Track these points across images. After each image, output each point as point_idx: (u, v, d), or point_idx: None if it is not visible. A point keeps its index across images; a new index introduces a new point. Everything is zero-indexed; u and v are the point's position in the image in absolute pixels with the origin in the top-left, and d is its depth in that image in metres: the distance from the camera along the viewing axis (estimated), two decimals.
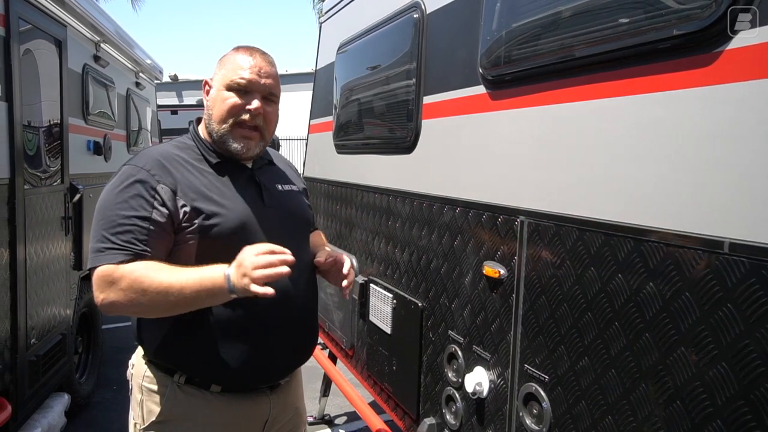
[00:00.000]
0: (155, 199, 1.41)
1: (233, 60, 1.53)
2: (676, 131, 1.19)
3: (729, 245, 1.06)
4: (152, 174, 1.44)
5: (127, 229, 1.38)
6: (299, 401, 1.76)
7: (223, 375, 1.49)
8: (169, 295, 1.32)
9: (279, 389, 1.62)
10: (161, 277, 1.33)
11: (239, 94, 1.50)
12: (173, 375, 1.50)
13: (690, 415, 1.13)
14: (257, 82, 1.50)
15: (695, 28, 1.14)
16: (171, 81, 16.78)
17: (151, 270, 1.35)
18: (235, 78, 1.49)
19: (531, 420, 1.60)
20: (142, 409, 1.52)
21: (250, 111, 1.49)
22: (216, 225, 1.44)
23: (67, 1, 3.57)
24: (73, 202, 3.65)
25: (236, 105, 1.50)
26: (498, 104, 1.81)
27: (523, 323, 1.65)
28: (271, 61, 1.56)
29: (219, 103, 1.51)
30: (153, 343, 1.51)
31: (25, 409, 2.98)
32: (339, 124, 3.33)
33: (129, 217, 1.39)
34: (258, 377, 1.54)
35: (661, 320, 1.20)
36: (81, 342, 4.11)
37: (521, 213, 1.66)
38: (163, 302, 1.34)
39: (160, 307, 1.36)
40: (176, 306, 1.35)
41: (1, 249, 2.67)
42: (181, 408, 1.50)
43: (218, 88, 1.52)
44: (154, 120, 7.20)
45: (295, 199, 1.70)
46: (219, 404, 1.51)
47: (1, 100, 2.68)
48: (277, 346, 1.53)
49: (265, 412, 1.58)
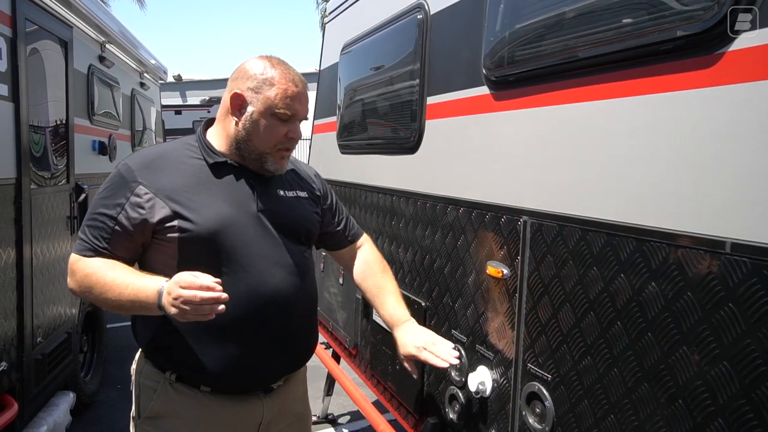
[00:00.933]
0: (128, 201, 1.45)
1: (275, 83, 1.50)
2: (679, 132, 1.20)
3: (731, 245, 1.07)
4: (136, 174, 1.47)
5: (96, 225, 1.47)
6: (302, 406, 1.74)
7: (211, 376, 1.49)
8: (109, 298, 1.40)
9: (274, 393, 1.60)
10: (108, 278, 1.41)
11: (282, 121, 1.52)
12: (165, 372, 1.52)
13: (692, 414, 1.14)
14: (301, 111, 1.54)
15: (698, 29, 1.14)
16: (175, 81, 16.83)
17: (102, 269, 1.43)
18: (284, 108, 1.50)
19: (534, 419, 1.61)
20: (138, 404, 1.56)
21: (293, 139, 1.55)
22: (194, 228, 1.45)
23: (73, 2, 3.59)
24: (79, 201, 3.67)
25: (281, 133, 1.53)
26: (501, 105, 1.81)
27: (526, 323, 1.65)
28: (304, 80, 1.57)
29: (262, 128, 1.51)
30: (145, 340, 1.55)
31: (32, 407, 3.00)
32: (343, 124, 3.34)
33: (101, 214, 1.47)
34: (247, 380, 1.54)
35: (663, 320, 1.21)
36: (86, 341, 4.13)
37: (524, 213, 1.67)
38: (106, 302, 1.42)
39: (107, 305, 1.44)
40: (119, 308, 1.42)
41: (7, 248, 2.69)
42: (172, 405, 1.51)
43: (261, 111, 1.50)
44: (158, 120, 7.23)
45: (296, 206, 1.66)
46: (209, 404, 1.51)
47: (7, 101, 2.69)
48: (267, 351, 1.52)
49: (257, 415, 1.57)
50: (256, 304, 1.48)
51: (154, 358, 1.55)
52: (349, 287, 3.11)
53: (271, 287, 1.50)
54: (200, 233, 1.44)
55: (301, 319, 1.61)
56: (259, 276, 1.49)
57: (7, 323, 2.69)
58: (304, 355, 1.68)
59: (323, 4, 19.00)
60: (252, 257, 1.49)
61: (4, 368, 2.62)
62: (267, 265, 1.51)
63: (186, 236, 1.44)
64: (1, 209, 2.63)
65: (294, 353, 1.63)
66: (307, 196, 1.71)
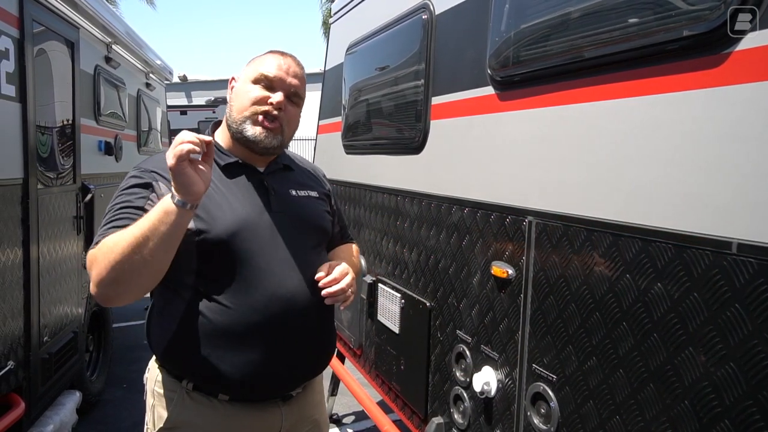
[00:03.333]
0: (152, 193, 1.41)
1: (263, 59, 1.53)
2: (685, 132, 1.20)
3: (737, 246, 1.06)
4: (153, 174, 1.44)
5: (120, 216, 1.37)
6: (319, 413, 1.69)
7: (229, 384, 1.44)
8: (132, 237, 1.25)
9: (292, 400, 1.56)
10: (125, 231, 1.28)
11: (264, 88, 1.48)
12: (182, 381, 1.47)
13: (698, 415, 1.14)
14: (284, 79, 1.49)
15: (704, 29, 1.14)
16: (180, 81, 16.89)
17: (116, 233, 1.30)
18: (263, 71, 1.48)
19: (539, 419, 1.61)
20: (153, 414, 1.50)
21: (272, 104, 1.47)
22: (212, 231, 1.41)
23: (80, 3, 3.61)
24: (85, 201, 3.69)
25: (259, 97, 1.48)
26: (507, 105, 1.81)
27: (531, 323, 1.65)
28: (300, 63, 1.56)
29: (242, 94, 1.50)
30: (160, 348, 1.49)
31: (38, 406, 3.01)
32: (347, 124, 3.34)
33: (123, 209, 1.39)
34: (266, 388, 1.49)
35: (669, 320, 1.20)
36: (92, 340, 4.15)
37: (530, 213, 1.66)
38: (129, 245, 1.25)
39: (131, 256, 1.25)
40: (142, 243, 1.25)
41: (14, 248, 2.70)
42: (189, 415, 1.46)
43: (244, 81, 1.51)
44: (164, 120, 7.25)
45: (309, 205, 1.63)
46: (227, 413, 1.46)
47: (15, 101, 2.71)
48: (286, 357, 1.47)
49: (276, 423, 1.53)
50: (274, 308, 1.43)
51: (170, 367, 1.49)
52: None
53: (290, 290, 1.46)
54: (219, 236, 1.41)
55: (320, 321, 1.55)
56: (277, 279, 1.45)
57: (14, 322, 2.70)
58: (325, 359, 1.62)
59: (327, 4, 19.03)
60: (269, 260, 1.45)
61: (11, 367, 2.63)
62: (284, 268, 1.47)
63: (203, 239, 1.40)
64: (8, 209, 2.64)
65: (314, 357, 1.58)
66: (318, 195, 1.68)
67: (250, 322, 1.41)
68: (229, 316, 1.40)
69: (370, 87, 3.03)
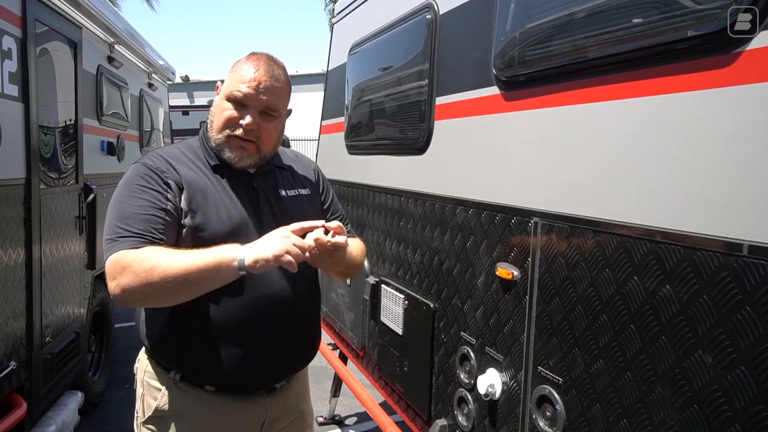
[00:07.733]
0: (168, 192, 1.44)
1: (239, 69, 1.52)
2: (694, 132, 1.18)
3: (748, 248, 1.05)
4: (162, 170, 1.47)
5: (143, 218, 1.39)
6: (303, 405, 1.75)
7: (215, 376, 1.51)
8: (183, 272, 1.30)
9: (277, 392, 1.62)
10: (171, 252, 1.34)
11: (236, 107, 1.49)
12: (170, 372, 1.53)
13: (707, 419, 1.12)
14: (254, 97, 1.48)
15: (714, 28, 1.13)
16: (182, 82, 16.91)
17: (160, 251, 1.35)
18: (234, 90, 1.49)
19: (544, 422, 1.59)
20: (142, 403, 1.57)
21: (242, 126, 1.49)
22: (208, 228, 1.46)
23: (82, 3, 3.61)
24: (87, 201, 3.69)
25: (231, 118, 1.50)
26: (512, 105, 1.80)
27: (537, 325, 1.64)
28: (275, 74, 1.51)
29: (218, 113, 1.52)
30: (151, 339, 1.55)
31: (40, 407, 3.01)
32: (351, 124, 3.33)
33: (144, 207, 1.41)
34: (252, 379, 1.55)
35: (678, 323, 1.19)
36: (94, 340, 4.15)
37: (535, 214, 1.65)
38: (172, 277, 1.30)
39: (171, 285, 1.31)
40: (185, 281, 1.31)
41: (17, 248, 2.70)
42: (176, 405, 1.52)
43: (221, 97, 1.53)
44: (166, 120, 7.25)
45: (298, 205, 1.65)
46: (213, 403, 1.53)
47: (17, 101, 2.70)
48: (272, 350, 1.53)
49: (261, 414, 1.59)
50: (261, 305, 1.50)
51: (159, 358, 1.56)
52: (357, 288, 3.10)
53: (277, 290, 1.52)
54: (213, 236, 1.44)
55: (305, 319, 1.63)
56: (265, 279, 1.49)
57: (16, 323, 2.70)
58: (308, 354, 1.69)
59: (331, 4, 19.03)
60: None
61: (13, 368, 2.63)
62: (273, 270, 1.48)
63: (199, 237, 1.45)
64: (11, 209, 2.64)
65: (298, 353, 1.65)
66: (308, 193, 1.71)
67: (238, 320, 1.47)
68: (217, 313, 1.47)
69: (373, 87, 3.02)
